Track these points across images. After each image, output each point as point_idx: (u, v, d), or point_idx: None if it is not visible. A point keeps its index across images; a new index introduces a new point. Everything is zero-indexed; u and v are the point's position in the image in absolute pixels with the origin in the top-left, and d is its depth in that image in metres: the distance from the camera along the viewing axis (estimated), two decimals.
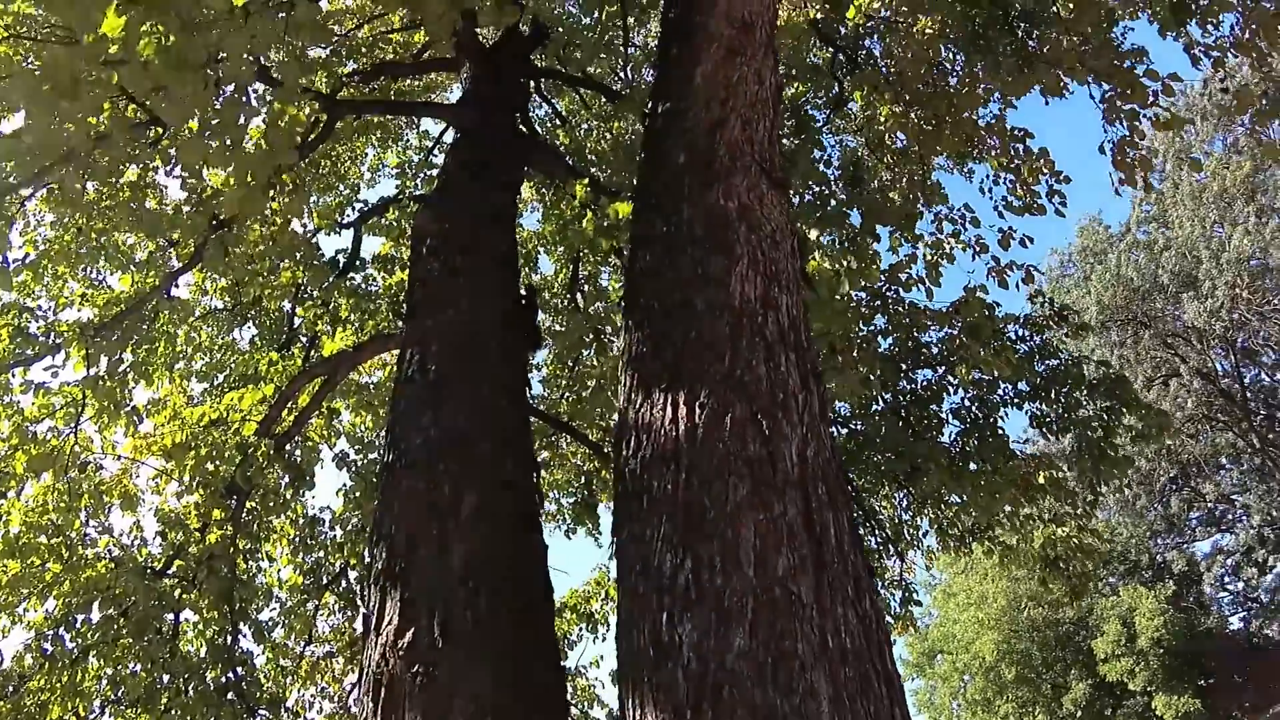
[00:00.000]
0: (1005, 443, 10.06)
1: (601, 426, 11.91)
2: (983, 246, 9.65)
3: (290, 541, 10.18)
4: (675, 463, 4.45)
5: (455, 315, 6.66)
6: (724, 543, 4.05)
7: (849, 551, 4.32)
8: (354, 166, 13.19)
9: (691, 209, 5.73)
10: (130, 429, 9.17)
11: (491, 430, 5.88)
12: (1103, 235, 32.53)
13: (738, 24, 6.75)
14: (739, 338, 4.90)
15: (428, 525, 5.24)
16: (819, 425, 4.76)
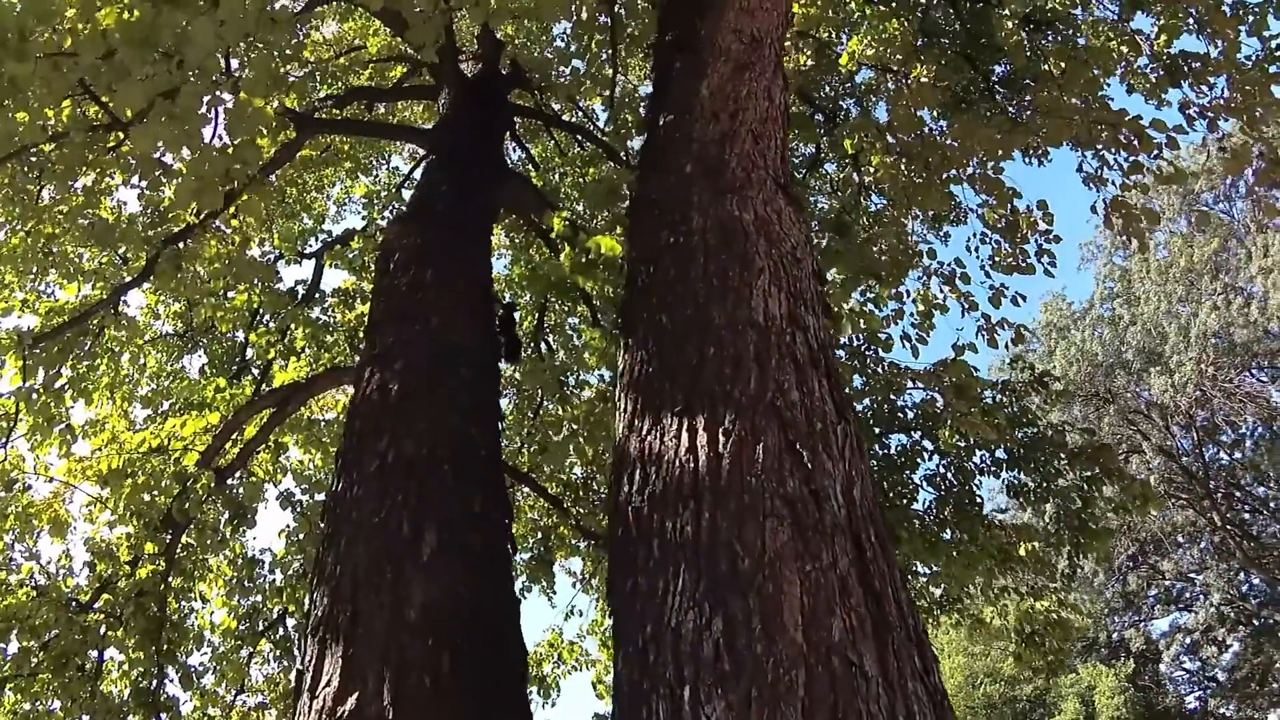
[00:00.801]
0: (982, 512, 9.09)
1: (561, 480, 10.75)
2: (972, 304, 8.75)
3: (226, 582, 8.88)
4: (695, 500, 3.38)
5: (421, 331, 5.57)
6: (763, 599, 2.98)
7: (907, 611, 3.26)
8: (319, 197, 12.07)
9: (703, 218, 4.74)
10: (64, 449, 7.92)
11: (458, 458, 4.72)
12: (1066, 312, 32.07)
13: (746, 39, 5.88)
14: (766, 356, 3.86)
15: (380, 566, 4.05)
16: (860, 462, 3.71)
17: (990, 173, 8.27)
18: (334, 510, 4.58)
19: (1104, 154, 7.88)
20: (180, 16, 5.70)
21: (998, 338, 8.55)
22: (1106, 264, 32.34)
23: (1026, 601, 9.67)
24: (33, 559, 8.39)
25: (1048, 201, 8.13)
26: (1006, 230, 8.46)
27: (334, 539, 4.36)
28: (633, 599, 3.33)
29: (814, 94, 10.72)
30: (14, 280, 8.85)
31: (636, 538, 3.48)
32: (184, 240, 8.18)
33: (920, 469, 9.59)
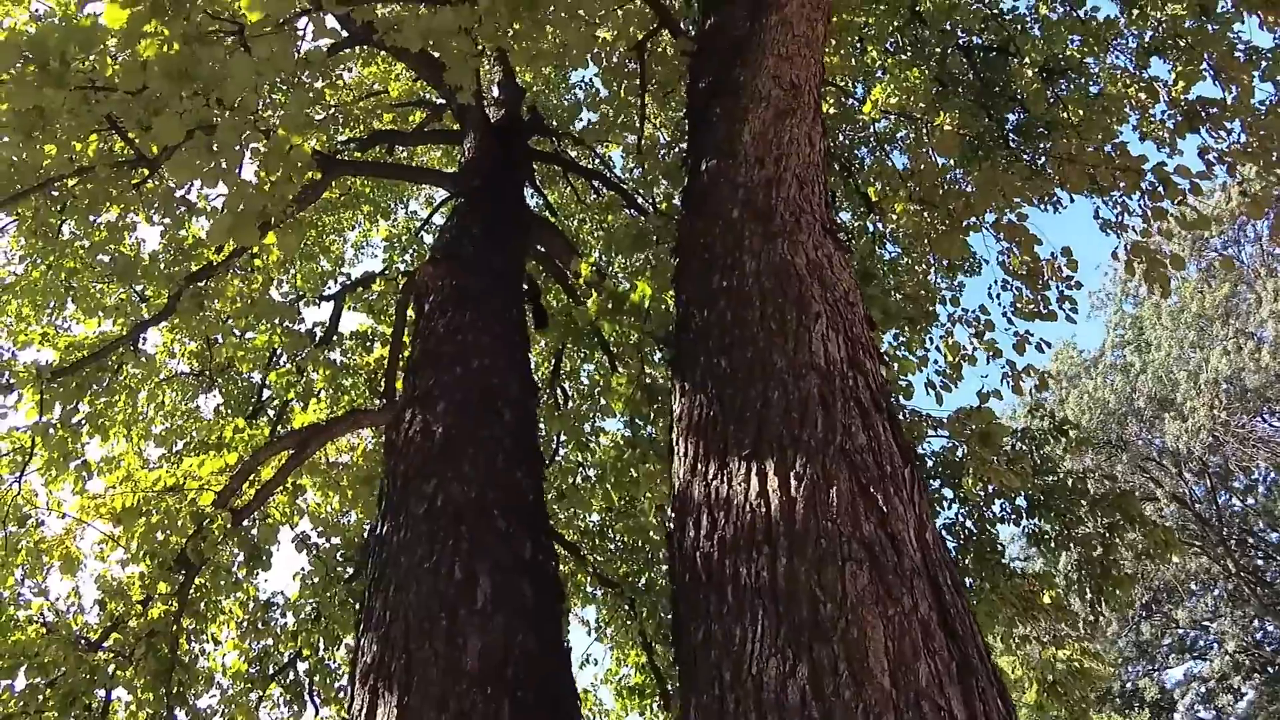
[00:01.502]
0: (1003, 559, 9.02)
1: (579, 528, 10.66)
2: (996, 351, 8.75)
3: (238, 625, 8.71)
4: (770, 545, 3.33)
5: (463, 375, 5.53)
6: (848, 644, 2.92)
7: (985, 654, 3.20)
8: (338, 239, 12.08)
9: (755, 262, 4.74)
10: (79, 485, 7.81)
11: (506, 505, 4.66)
12: (1077, 360, 32.09)
13: (786, 85, 5.94)
14: (831, 400, 3.83)
15: (433, 613, 3.96)
16: (928, 507, 3.68)
17: (1015, 219, 8.32)
18: (380, 554, 4.50)
19: (1124, 200, 7.96)
20: (219, 52, 5.75)
21: (1022, 384, 8.53)
22: (1117, 311, 32.53)
23: (1048, 650, 9.57)
24: (42, 595, 8.23)
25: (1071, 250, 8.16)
26: (1028, 277, 8.50)
27: (381, 583, 4.27)
28: (706, 647, 3.26)
29: (831, 142, 10.82)
30: (31, 314, 8.80)
31: (707, 584, 3.43)
32: (207, 278, 8.17)
33: (940, 517, 9.55)
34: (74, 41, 5.27)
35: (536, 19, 6.88)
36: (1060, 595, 8.65)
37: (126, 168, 7.66)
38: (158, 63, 5.70)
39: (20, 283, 8.25)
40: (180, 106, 5.71)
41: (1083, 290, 8.63)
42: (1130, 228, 8.17)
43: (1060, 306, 8.59)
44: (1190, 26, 7.77)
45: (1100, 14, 9.00)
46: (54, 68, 5.21)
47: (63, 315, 8.78)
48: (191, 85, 5.77)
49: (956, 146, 8.32)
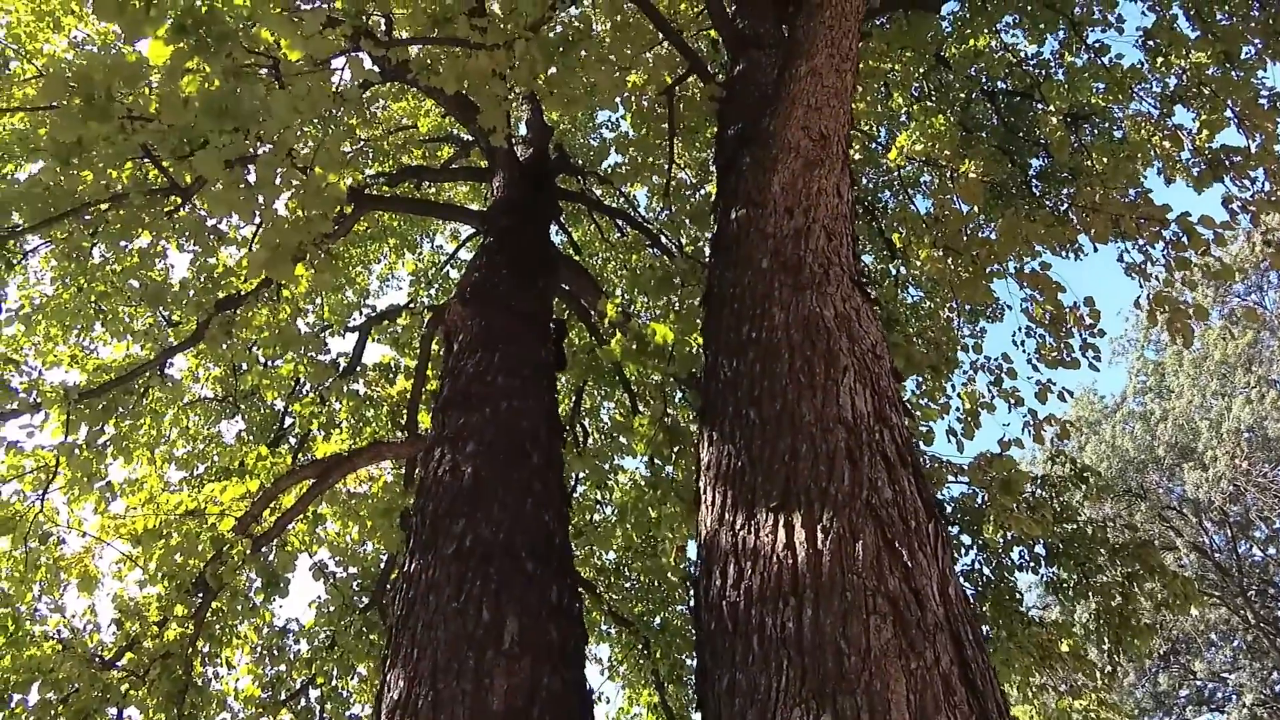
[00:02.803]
0: (1021, 608, 9.07)
1: (595, 565, 10.75)
2: (1018, 399, 8.84)
3: (253, 650, 8.82)
4: (796, 597, 3.43)
5: (492, 416, 5.66)
6: (871, 697, 3.02)
7: (1005, 710, 3.30)
8: (364, 272, 12.28)
9: (784, 314, 4.86)
10: (101, 505, 7.96)
11: (534, 546, 4.78)
12: (1097, 406, 32.04)
13: (815, 136, 6.10)
14: (859, 454, 3.94)
15: (460, 652, 4.07)
16: (951, 562, 3.78)
17: (1038, 268, 8.43)
18: (408, 592, 4.62)
19: (1147, 248, 8.06)
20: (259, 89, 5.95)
21: (1044, 434, 8.61)
22: (1138, 358, 32.51)
23: (1064, 700, 9.59)
24: (59, 612, 8.35)
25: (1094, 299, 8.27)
26: (1051, 325, 8.61)
27: (410, 621, 4.39)
28: (730, 696, 3.37)
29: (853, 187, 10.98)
30: (59, 334, 9.00)
31: (733, 632, 3.53)
32: (235, 307, 8.36)
33: (958, 564, 9.59)
34: (120, 76, 5.47)
35: (569, 64, 7.10)
36: (1078, 644, 8.69)
37: (160, 195, 7.89)
38: (199, 98, 5.90)
39: (50, 304, 8.45)
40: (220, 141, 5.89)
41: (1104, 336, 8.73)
42: (1153, 276, 8.28)
43: (1083, 354, 8.68)
44: (1214, 74, 7.91)
45: (1124, 61, 9.17)
46: (99, 101, 5.40)
47: (90, 338, 8.97)
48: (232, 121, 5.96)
49: (980, 193, 8.45)
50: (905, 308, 10.74)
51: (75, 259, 7.89)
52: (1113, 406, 32.35)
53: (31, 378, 7.77)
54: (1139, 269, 8.13)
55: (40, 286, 8.71)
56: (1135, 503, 27.59)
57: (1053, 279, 8.13)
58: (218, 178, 5.82)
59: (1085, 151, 8.65)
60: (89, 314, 8.63)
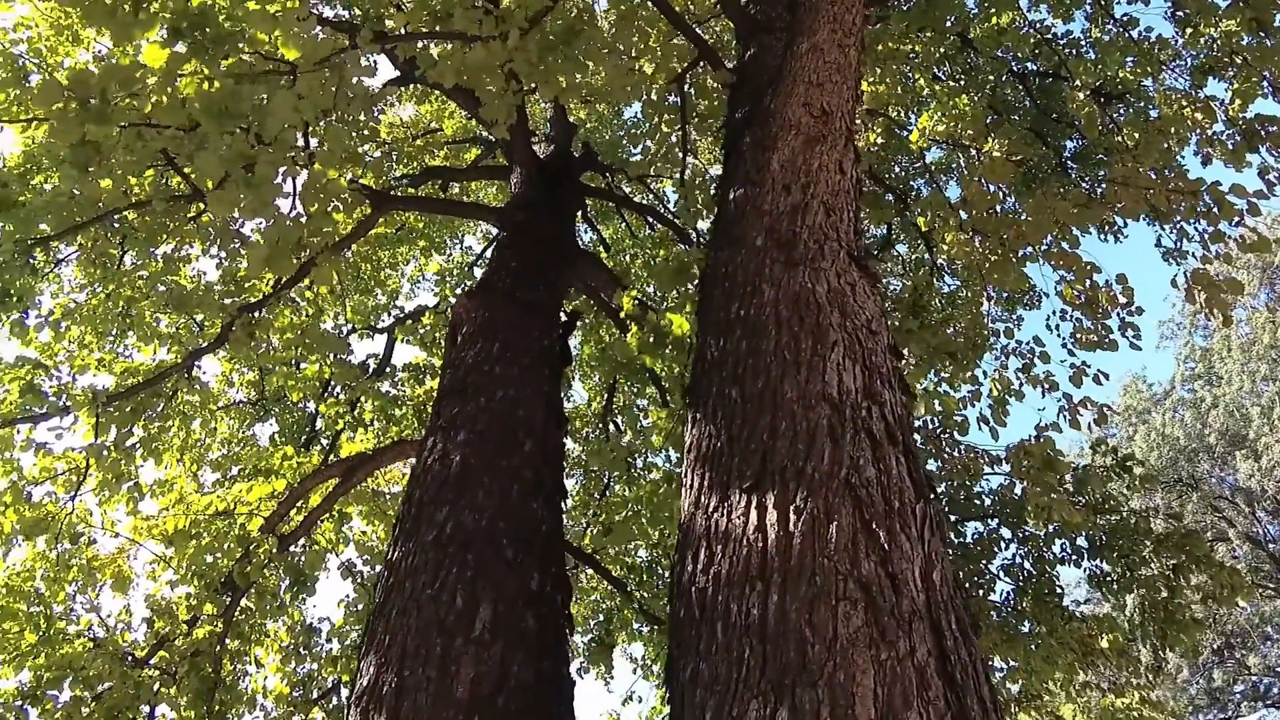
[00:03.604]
0: (1062, 603, 8.60)
1: (626, 562, 10.48)
2: (1052, 384, 8.38)
3: (282, 648, 8.71)
4: (763, 582, 3.14)
5: (486, 405, 5.45)
6: (834, 689, 2.72)
7: (990, 707, 2.95)
8: (393, 274, 12.18)
9: (774, 291, 4.56)
10: (131, 506, 7.93)
11: (518, 534, 4.55)
12: (1146, 394, 30.90)
13: (816, 112, 5.78)
14: (841, 432, 3.63)
15: (429, 639, 3.86)
16: (939, 545, 3.45)
17: (1067, 247, 7.99)
18: (388, 579, 4.42)
19: (1183, 226, 7.60)
20: (259, 90, 5.81)
21: (1080, 419, 8.13)
22: (1186, 343, 31.31)
23: (1107, 698, 9.08)
24: (93, 611, 8.34)
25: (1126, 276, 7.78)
26: (1086, 306, 8.14)
27: (386, 608, 4.20)
28: (693, 685, 3.09)
29: (885, 174, 10.61)
30: (93, 340, 9.00)
31: (699, 619, 3.26)
32: (259, 309, 8.27)
33: (998, 558, 9.17)
34: (114, 79, 5.37)
35: (573, 55, 6.87)
36: (1119, 640, 8.20)
37: (182, 201, 7.82)
38: (198, 100, 5.79)
39: (80, 310, 8.45)
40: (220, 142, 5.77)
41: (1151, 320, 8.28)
42: (1190, 254, 7.81)
43: (1124, 334, 8.20)
44: (1246, 43, 7.44)
45: (1153, 34, 8.70)
46: (95, 105, 5.30)
47: (122, 343, 8.96)
48: (233, 122, 5.84)
49: (1009, 173, 8.04)
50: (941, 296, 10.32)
51: (103, 265, 7.87)
52: (1161, 394, 31.13)
53: (62, 382, 7.75)
54: (1176, 252, 7.68)
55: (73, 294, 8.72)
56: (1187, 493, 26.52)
57: (1083, 258, 7.69)
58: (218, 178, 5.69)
59: (1117, 129, 8.19)
60: (118, 319, 8.61)
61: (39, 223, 6.84)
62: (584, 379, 13.07)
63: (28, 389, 7.13)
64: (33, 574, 7.75)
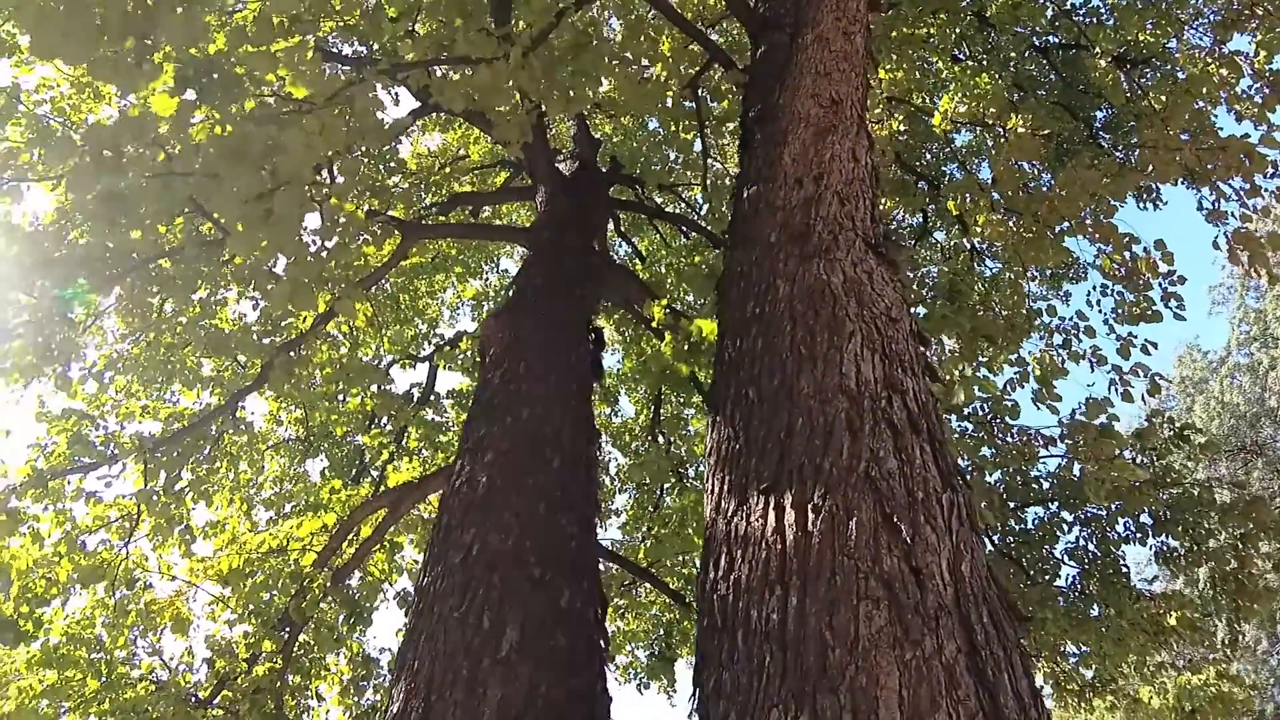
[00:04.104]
0: (1129, 582, 8.28)
1: (682, 574, 10.33)
2: (1100, 358, 8.07)
3: (343, 681, 8.69)
4: (782, 585, 3.00)
5: (513, 424, 5.36)
6: (856, 694, 2.58)
7: (1029, 703, 2.77)
8: (432, 302, 12.19)
9: (789, 285, 4.41)
10: (184, 549, 7.99)
11: (546, 552, 4.44)
12: (1201, 363, 29.86)
13: (826, 103, 5.64)
14: (859, 424, 3.48)
15: (456, 662, 3.77)
16: (970, 535, 3.27)
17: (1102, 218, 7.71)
18: (417, 605, 4.35)
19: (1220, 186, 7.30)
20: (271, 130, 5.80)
21: (1131, 390, 7.80)
22: (1239, 307, 30.14)
23: (1183, 676, 8.71)
24: (155, 655, 8.39)
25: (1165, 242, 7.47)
26: (1127, 278, 7.84)
27: (414, 633, 4.14)
28: (716, 697, 2.96)
29: (915, 162, 10.37)
30: (139, 388, 9.09)
31: (721, 628, 3.13)
32: (297, 346, 8.30)
33: (1060, 542, 8.87)
34: (127, 131, 5.39)
35: (581, 69, 6.80)
36: (1190, 615, 7.86)
37: (214, 246, 7.88)
38: (211, 144, 5.79)
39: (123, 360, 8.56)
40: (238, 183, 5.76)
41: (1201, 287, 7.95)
42: (1229, 214, 7.48)
43: (1167, 305, 7.88)
44: None
45: None
46: (109, 157, 5.33)
47: (168, 389, 9.05)
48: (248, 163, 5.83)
49: (1037, 149, 7.78)
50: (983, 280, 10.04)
51: (142, 314, 7.96)
52: (1217, 361, 29.97)
53: (109, 431, 7.84)
54: (1217, 213, 7.37)
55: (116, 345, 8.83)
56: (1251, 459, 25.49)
57: (1120, 229, 7.41)
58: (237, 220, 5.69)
59: (1144, 94, 7.91)
60: (161, 366, 8.70)
61: (76, 277, 6.91)
62: (629, 393, 12.97)
63: (76, 440, 7.21)
64: (93, 621, 7.82)
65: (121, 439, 7.60)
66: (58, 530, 7.49)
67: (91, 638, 7.68)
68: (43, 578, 7.44)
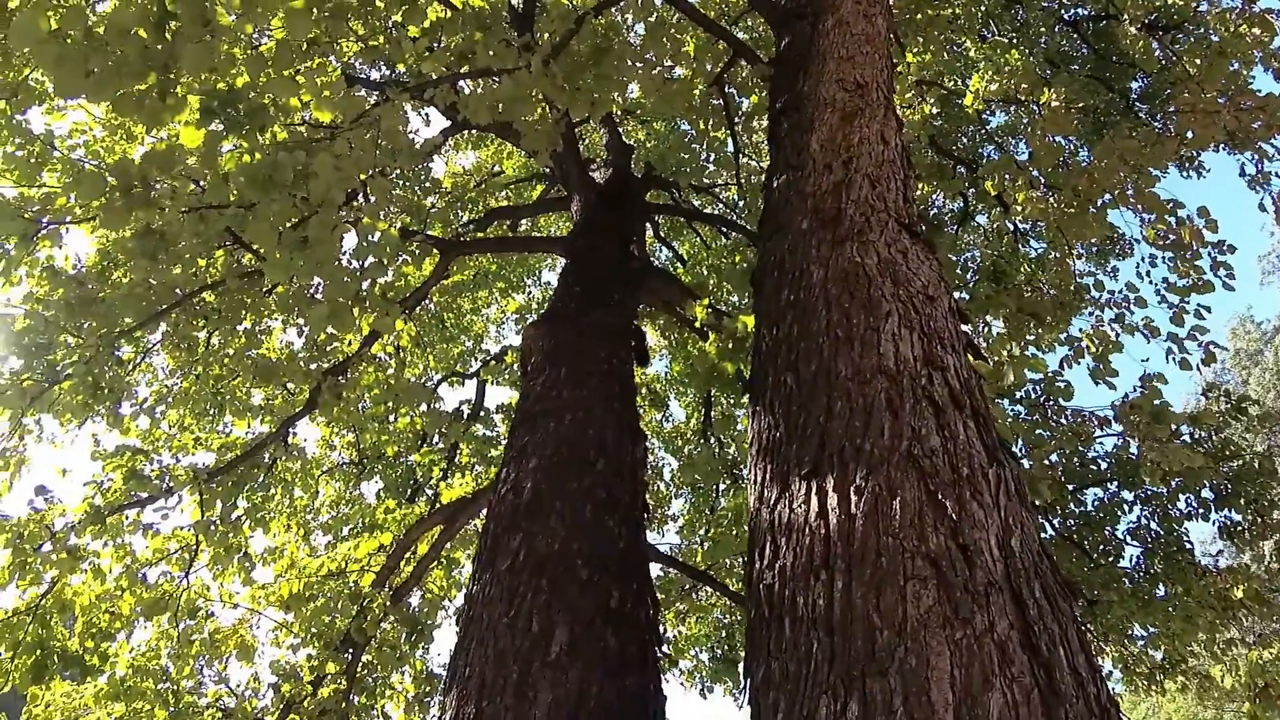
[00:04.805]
0: (1194, 559, 8.05)
1: (740, 575, 10.23)
2: (1153, 329, 7.85)
3: (407, 699, 8.70)
4: (828, 570, 2.93)
5: (555, 429, 5.33)
6: (906, 676, 2.49)
7: (1087, 678, 2.66)
8: (476, 318, 12.25)
9: (822, 270, 4.35)
10: (244, 577, 8.07)
11: (593, 554, 4.40)
12: (1255, 334, 29.03)
13: (851, 87, 5.57)
14: (900, 403, 3.39)
15: (506, 666, 3.74)
16: (1020, 509, 3.18)
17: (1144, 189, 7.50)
18: (467, 612, 4.33)
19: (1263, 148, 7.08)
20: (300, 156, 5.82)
21: (1189, 358, 7.53)
22: None
23: (1254, 652, 8.43)
24: (221, 682, 8.48)
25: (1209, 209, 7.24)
26: (1175, 247, 7.62)
27: (465, 641, 4.11)
28: (765, 687, 2.90)
29: (951, 145, 10.22)
30: (191, 421, 9.22)
31: (769, 617, 3.06)
32: (344, 370, 8.36)
33: (1122, 523, 8.66)
34: (154, 165, 5.45)
35: (604, 73, 6.77)
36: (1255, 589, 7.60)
37: (256, 276, 7.97)
38: (241, 173, 5.83)
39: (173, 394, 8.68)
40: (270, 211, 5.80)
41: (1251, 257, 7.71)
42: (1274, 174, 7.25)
43: (1216, 275, 7.64)
44: None
45: None
46: (138, 192, 5.39)
47: (220, 420, 9.17)
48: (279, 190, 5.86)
49: (1071, 123, 7.61)
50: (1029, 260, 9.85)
51: (188, 348, 8.08)
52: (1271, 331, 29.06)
53: (163, 465, 7.95)
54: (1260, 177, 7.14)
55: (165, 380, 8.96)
56: None
57: (1160, 197, 7.20)
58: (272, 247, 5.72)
59: (1178, 60, 7.71)
60: (211, 397, 8.82)
61: (121, 316, 7.03)
62: (679, 397, 12.92)
63: (131, 475, 7.32)
64: (158, 652, 7.93)
65: (176, 472, 7.71)
66: (118, 565, 7.60)
67: (158, 669, 7.78)
68: (106, 612, 7.55)
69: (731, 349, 8.05)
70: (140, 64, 4.90)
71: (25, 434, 7.76)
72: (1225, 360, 27.98)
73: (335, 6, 6.07)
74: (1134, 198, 7.30)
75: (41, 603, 7.61)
